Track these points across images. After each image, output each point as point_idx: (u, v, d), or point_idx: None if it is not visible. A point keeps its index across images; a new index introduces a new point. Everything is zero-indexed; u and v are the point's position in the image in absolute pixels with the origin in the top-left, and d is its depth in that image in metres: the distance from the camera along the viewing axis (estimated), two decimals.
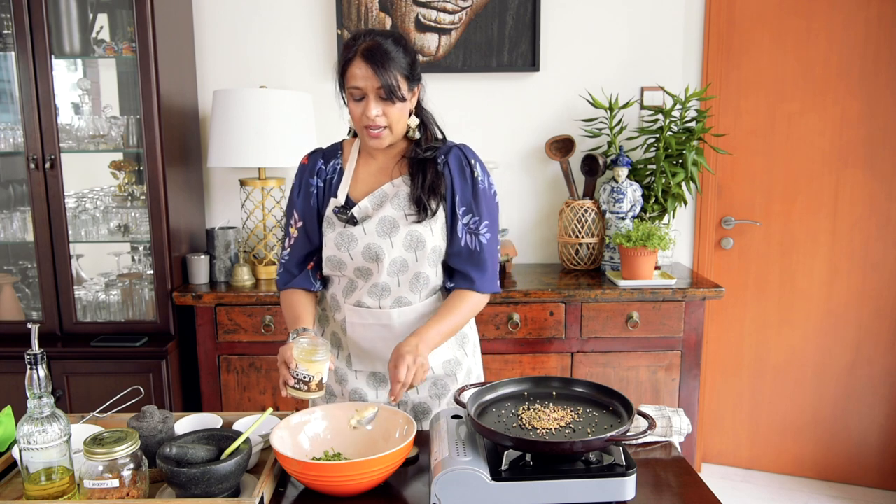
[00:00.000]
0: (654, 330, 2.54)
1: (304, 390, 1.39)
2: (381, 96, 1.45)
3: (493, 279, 1.60)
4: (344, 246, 1.54)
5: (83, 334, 2.56)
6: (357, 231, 1.53)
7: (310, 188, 1.60)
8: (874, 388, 2.95)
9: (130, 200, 2.70)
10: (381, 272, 1.54)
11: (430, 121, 1.60)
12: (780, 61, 2.86)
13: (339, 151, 1.64)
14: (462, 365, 1.67)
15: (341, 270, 1.57)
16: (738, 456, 3.18)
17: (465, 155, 1.57)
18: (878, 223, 2.85)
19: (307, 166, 1.63)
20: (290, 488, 1.31)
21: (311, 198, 1.60)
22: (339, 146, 1.65)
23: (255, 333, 2.53)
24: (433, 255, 1.56)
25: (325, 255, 1.57)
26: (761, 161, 2.95)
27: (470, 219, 1.56)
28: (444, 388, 1.64)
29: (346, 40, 1.50)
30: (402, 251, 1.53)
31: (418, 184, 1.53)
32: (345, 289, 1.61)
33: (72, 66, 2.72)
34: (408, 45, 1.49)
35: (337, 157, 1.63)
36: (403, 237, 1.53)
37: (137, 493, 1.20)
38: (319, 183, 1.61)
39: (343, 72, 1.48)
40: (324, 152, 1.64)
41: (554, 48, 2.89)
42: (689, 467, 1.39)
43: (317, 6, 2.86)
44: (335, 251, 1.55)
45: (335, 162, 1.62)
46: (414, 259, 1.54)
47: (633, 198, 2.71)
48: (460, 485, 1.17)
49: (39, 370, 1.19)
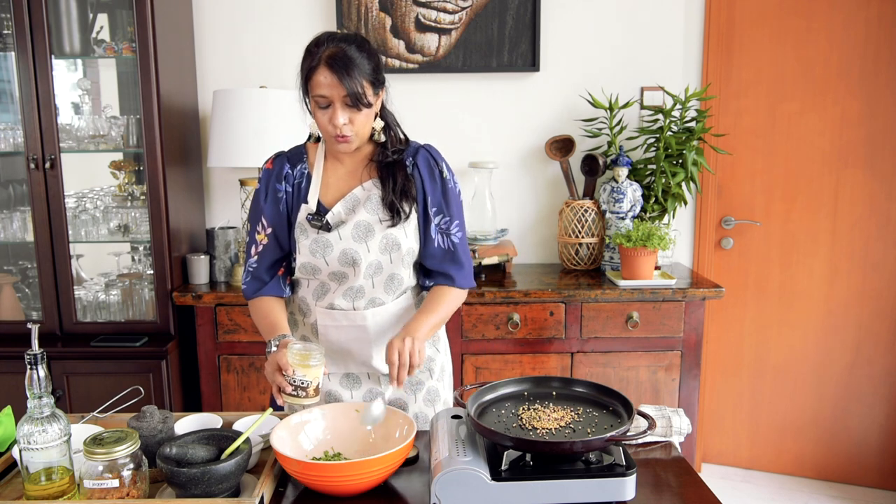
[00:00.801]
0: (654, 330, 2.54)
1: (301, 396, 1.37)
2: (347, 103, 1.44)
3: (470, 275, 1.64)
4: (319, 252, 1.53)
5: (83, 334, 2.56)
6: (332, 237, 1.52)
7: (277, 193, 1.58)
8: (874, 388, 2.95)
9: (130, 200, 2.70)
10: (357, 276, 1.54)
11: (394, 122, 1.59)
12: (780, 61, 2.86)
13: (304, 155, 1.61)
14: (436, 361, 1.70)
15: (315, 275, 1.56)
16: (738, 456, 3.18)
17: (433, 156, 1.59)
18: (878, 223, 2.86)
19: (272, 171, 1.59)
20: (290, 488, 1.31)
21: (279, 203, 1.58)
22: (303, 149, 1.63)
23: (255, 333, 2.53)
24: (407, 257, 1.57)
25: (299, 261, 1.55)
26: (761, 161, 2.95)
27: (441, 219, 1.58)
28: (419, 384, 1.66)
29: (308, 46, 1.47)
30: (377, 254, 1.53)
31: (389, 188, 1.53)
32: (315, 291, 1.60)
33: (72, 66, 2.72)
34: (371, 48, 1.48)
35: (303, 160, 1.60)
36: (379, 241, 1.53)
37: (137, 493, 1.20)
38: (287, 188, 1.58)
39: (307, 79, 1.46)
40: (288, 156, 1.61)
41: (554, 48, 2.89)
42: (689, 467, 1.39)
43: (317, 6, 2.86)
44: (310, 258, 1.53)
45: (302, 166, 1.60)
46: (389, 261, 1.55)
47: (633, 198, 2.71)
48: (460, 485, 1.17)
49: (39, 370, 1.19)
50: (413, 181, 1.55)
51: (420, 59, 2.86)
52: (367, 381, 1.65)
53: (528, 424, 1.29)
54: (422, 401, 1.67)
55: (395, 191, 1.53)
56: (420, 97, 2.90)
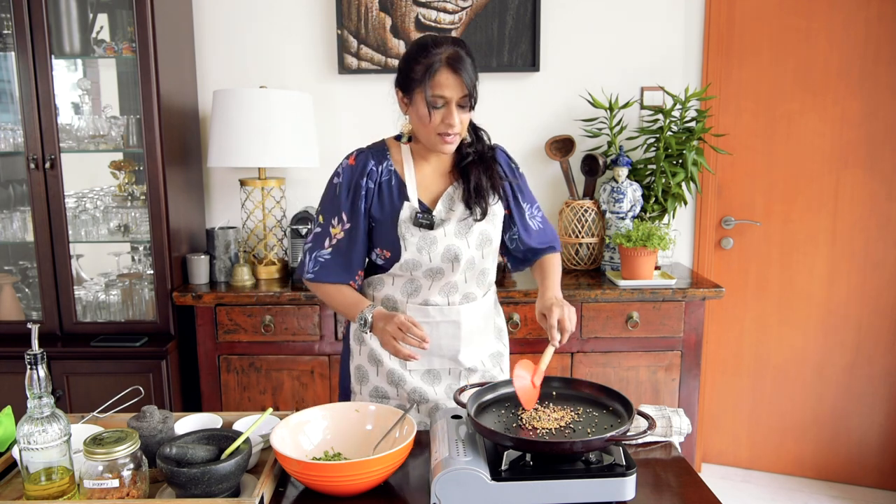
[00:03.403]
0: (654, 330, 2.54)
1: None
2: (461, 104, 1.49)
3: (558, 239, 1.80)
4: (425, 249, 1.57)
5: (83, 334, 2.56)
6: (438, 234, 1.57)
7: (360, 190, 1.59)
8: (874, 388, 2.95)
9: (130, 200, 2.70)
10: (455, 271, 1.59)
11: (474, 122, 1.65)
12: (780, 61, 2.86)
13: (387, 152, 1.63)
14: (504, 357, 1.77)
15: (412, 272, 1.59)
16: (738, 456, 3.18)
17: (506, 154, 1.73)
18: (878, 223, 2.85)
19: (356, 168, 1.60)
20: (290, 488, 1.31)
21: (360, 200, 1.60)
22: (385, 146, 1.65)
23: (255, 333, 2.53)
24: (494, 252, 1.67)
25: (404, 258, 1.57)
26: (761, 161, 2.95)
27: (528, 207, 1.73)
28: (492, 380, 1.70)
29: (421, 46, 1.50)
30: (474, 250, 1.60)
31: (469, 186, 1.60)
32: (405, 289, 1.63)
33: (72, 66, 2.72)
34: (473, 54, 1.54)
35: (386, 157, 1.62)
36: (476, 236, 1.60)
37: (137, 493, 1.20)
38: (370, 184, 1.60)
39: (423, 79, 1.47)
40: (371, 153, 1.62)
41: (554, 48, 2.89)
42: (689, 467, 1.39)
43: (317, 6, 2.86)
44: (416, 254, 1.56)
45: (387, 164, 1.61)
46: (481, 256, 1.62)
47: (633, 198, 2.71)
48: (460, 485, 1.17)
49: (39, 370, 1.19)
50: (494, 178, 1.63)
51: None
52: (448, 377, 1.68)
53: (528, 424, 1.29)
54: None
55: (471, 189, 1.60)
56: None
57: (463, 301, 1.64)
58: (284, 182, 2.80)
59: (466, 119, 1.53)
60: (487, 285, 1.69)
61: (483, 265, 1.64)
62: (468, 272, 1.62)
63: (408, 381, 1.66)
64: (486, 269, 1.66)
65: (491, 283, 1.72)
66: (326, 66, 2.90)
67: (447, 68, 1.46)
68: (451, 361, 1.66)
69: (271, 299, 2.50)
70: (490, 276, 1.69)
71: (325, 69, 2.90)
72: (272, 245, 2.77)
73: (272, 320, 2.51)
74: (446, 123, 1.49)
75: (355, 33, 2.83)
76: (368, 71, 2.86)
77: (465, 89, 1.47)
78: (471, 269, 1.62)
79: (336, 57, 2.88)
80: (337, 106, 2.93)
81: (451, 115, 1.48)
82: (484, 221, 1.60)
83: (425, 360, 1.65)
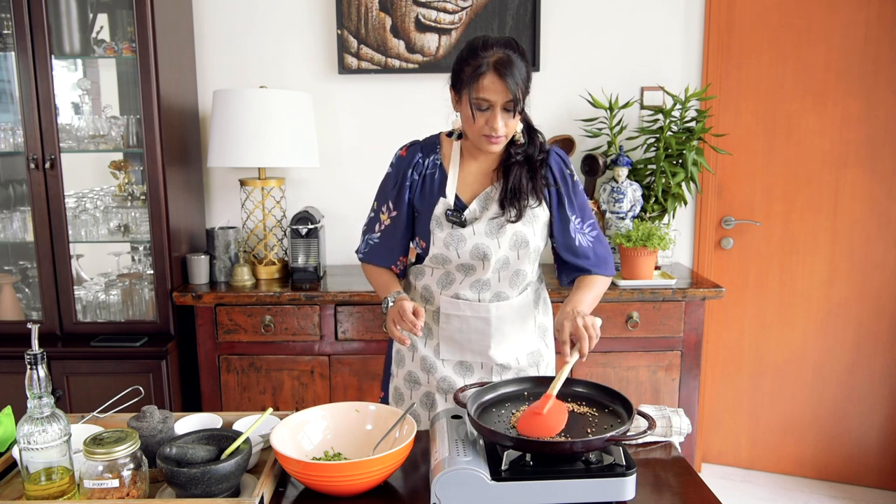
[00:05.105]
0: (654, 330, 2.54)
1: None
2: (507, 108, 1.49)
3: (611, 265, 1.70)
4: (453, 245, 1.59)
5: (83, 334, 2.56)
6: (467, 232, 1.59)
7: (405, 181, 1.65)
8: (874, 388, 2.95)
9: (130, 200, 2.70)
10: (486, 269, 1.60)
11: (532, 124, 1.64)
12: (780, 61, 2.86)
13: (438, 146, 1.67)
14: (544, 357, 1.75)
15: (444, 265, 1.63)
16: (738, 456, 3.18)
17: (562, 158, 1.67)
18: (878, 223, 2.85)
19: (405, 159, 1.66)
20: (290, 488, 1.31)
21: (405, 190, 1.65)
22: (437, 140, 1.68)
23: (255, 333, 2.53)
24: (534, 254, 1.64)
25: (431, 251, 1.62)
26: (761, 161, 2.95)
27: (575, 219, 1.65)
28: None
29: (472, 47, 1.50)
30: (507, 250, 1.60)
31: (506, 186, 1.59)
32: (440, 280, 1.66)
33: (72, 66, 2.72)
34: (527, 56, 1.52)
35: (436, 151, 1.66)
36: (510, 237, 1.59)
37: (137, 493, 1.20)
38: (415, 176, 1.65)
39: (470, 81, 1.48)
40: (422, 146, 1.67)
41: (554, 48, 2.89)
42: (689, 467, 1.39)
43: (317, 6, 2.86)
44: (443, 249, 1.60)
45: (434, 157, 1.65)
46: (516, 257, 1.62)
47: (633, 198, 2.71)
48: (460, 485, 1.17)
49: (39, 370, 1.19)
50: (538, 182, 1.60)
51: (420, 59, 2.86)
52: (480, 371, 1.69)
53: None
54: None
55: (508, 189, 1.58)
56: (420, 97, 2.90)
57: (493, 299, 1.64)
58: (284, 182, 2.80)
59: (513, 123, 1.52)
60: (524, 286, 1.68)
61: (518, 266, 1.63)
62: (502, 272, 1.62)
63: (439, 369, 1.69)
64: (522, 271, 1.65)
65: (528, 284, 1.69)
66: (326, 66, 2.90)
67: (493, 72, 1.46)
68: (482, 356, 1.68)
69: (271, 299, 2.50)
70: (528, 277, 1.67)
71: (325, 69, 2.90)
72: (272, 245, 2.77)
73: (272, 320, 2.51)
74: (490, 126, 1.50)
75: (355, 33, 2.83)
76: (368, 71, 2.86)
77: (509, 94, 1.45)
78: (504, 268, 1.62)
79: (336, 57, 2.88)
80: (337, 106, 2.93)
81: (494, 118, 1.49)
82: (520, 223, 1.59)
83: (457, 351, 1.68)
